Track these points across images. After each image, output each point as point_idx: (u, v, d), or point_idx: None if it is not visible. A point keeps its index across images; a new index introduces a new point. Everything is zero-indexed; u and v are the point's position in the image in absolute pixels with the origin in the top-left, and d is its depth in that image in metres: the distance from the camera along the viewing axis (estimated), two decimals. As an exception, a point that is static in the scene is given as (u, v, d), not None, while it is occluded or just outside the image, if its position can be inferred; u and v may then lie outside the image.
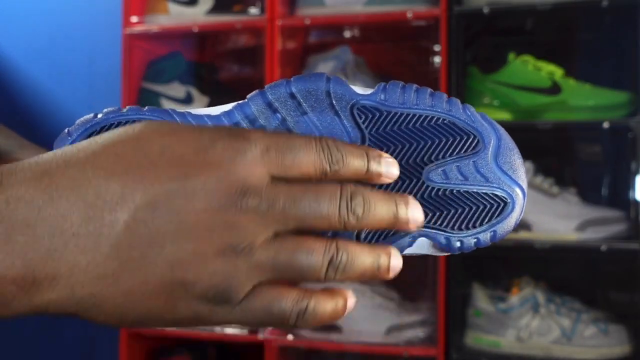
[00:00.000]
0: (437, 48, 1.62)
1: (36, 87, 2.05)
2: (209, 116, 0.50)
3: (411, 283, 1.68)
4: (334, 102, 0.50)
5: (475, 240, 0.48)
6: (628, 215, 1.52)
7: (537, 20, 1.70)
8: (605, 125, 1.49)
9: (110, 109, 0.50)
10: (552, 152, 1.71)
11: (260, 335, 1.64)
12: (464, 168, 0.49)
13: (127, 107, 0.50)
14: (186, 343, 1.80)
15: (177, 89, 1.81)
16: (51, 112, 2.03)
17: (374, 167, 0.45)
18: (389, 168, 0.46)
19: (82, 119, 0.50)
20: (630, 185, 1.53)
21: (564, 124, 1.58)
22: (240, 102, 0.50)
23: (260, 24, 1.68)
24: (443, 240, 0.48)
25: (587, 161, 1.74)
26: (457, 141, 0.49)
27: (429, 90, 0.50)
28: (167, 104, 1.79)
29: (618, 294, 1.64)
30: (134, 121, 0.48)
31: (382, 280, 0.48)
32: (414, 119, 0.49)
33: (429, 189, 0.48)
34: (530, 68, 1.59)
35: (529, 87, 1.58)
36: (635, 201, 1.51)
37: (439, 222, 0.48)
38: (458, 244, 0.48)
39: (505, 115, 1.58)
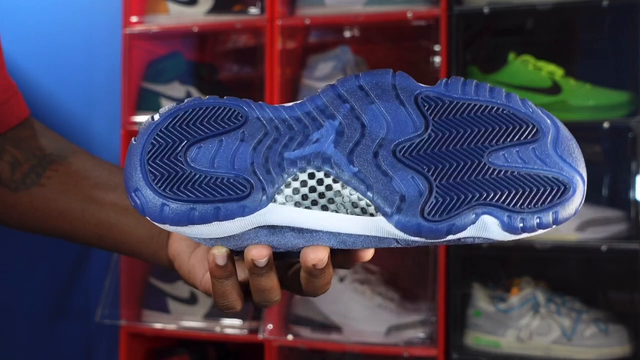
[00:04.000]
0: (437, 48, 1.62)
1: (36, 86, 2.05)
2: (283, 107, 0.55)
3: (411, 283, 1.68)
4: (399, 92, 0.54)
5: (537, 220, 0.50)
6: (628, 215, 1.52)
7: (537, 20, 1.70)
8: (605, 125, 1.49)
9: (193, 98, 0.55)
10: (552, 152, 1.71)
11: (260, 335, 1.64)
12: (524, 153, 0.51)
13: (208, 96, 0.55)
14: (186, 343, 1.80)
15: (177, 89, 1.81)
16: (51, 112, 2.03)
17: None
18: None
19: (166, 107, 0.55)
20: (630, 185, 1.53)
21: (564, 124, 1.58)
22: (311, 95, 0.55)
23: (260, 24, 1.68)
24: (505, 219, 0.50)
25: (587, 161, 1.73)
26: (516, 129, 0.52)
27: (489, 85, 0.53)
28: (167, 104, 1.79)
29: (618, 294, 1.64)
30: (213, 106, 0.54)
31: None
32: (475, 108, 0.52)
33: (490, 169, 0.51)
34: (530, 68, 1.59)
35: (529, 87, 1.58)
36: (635, 201, 1.51)
37: (501, 200, 0.51)
38: (521, 223, 0.50)
39: (505, 115, 1.58)
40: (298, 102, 0.55)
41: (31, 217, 0.72)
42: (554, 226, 0.51)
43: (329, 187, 0.52)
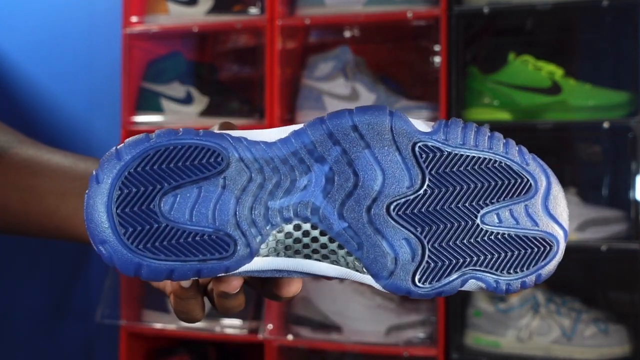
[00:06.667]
0: (437, 48, 1.62)
1: (36, 86, 2.05)
2: (265, 143, 0.49)
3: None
4: (395, 137, 0.49)
5: (521, 282, 0.50)
6: (628, 215, 1.52)
7: (537, 20, 1.70)
8: (605, 125, 1.49)
9: (162, 130, 0.48)
10: (552, 152, 1.71)
11: (260, 335, 1.64)
12: (516, 212, 0.50)
13: (182, 129, 0.48)
14: (186, 343, 1.80)
15: (177, 89, 1.81)
16: (51, 112, 2.03)
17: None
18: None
19: (132, 139, 0.48)
20: (630, 185, 1.53)
21: (564, 124, 1.58)
22: (297, 129, 0.50)
23: (260, 24, 1.68)
24: (492, 283, 0.50)
25: (587, 161, 1.74)
26: (511, 184, 0.50)
27: (487, 131, 0.51)
28: (167, 104, 1.79)
29: (618, 294, 1.64)
30: (189, 146, 0.48)
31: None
32: (473, 161, 0.50)
33: (483, 232, 0.50)
34: (530, 68, 1.59)
35: (529, 87, 1.58)
36: (635, 201, 1.51)
37: (490, 265, 0.50)
38: (505, 287, 0.50)
39: (505, 115, 1.58)
40: (283, 135, 0.50)
41: None
42: (534, 285, 0.51)
43: (315, 240, 0.49)
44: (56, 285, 2.04)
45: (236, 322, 1.68)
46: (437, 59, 1.64)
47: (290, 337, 1.64)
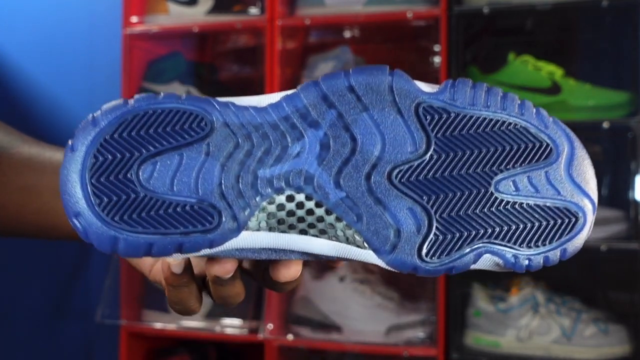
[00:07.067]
0: (437, 48, 1.62)
1: (36, 86, 2.05)
2: (255, 108, 0.45)
3: (411, 283, 1.68)
4: (397, 99, 0.45)
5: (544, 258, 0.45)
6: (628, 215, 1.52)
7: (537, 20, 1.70)
8: (605, 125, 1.49)
9: (142, 95, 0.45)
10: (552, 152, 1.71)
11: (260, 335, 1.64)
12: (536, 179, 0.45)
13: (163, 93, 0.45)
14: (186, 343, 1.80)
15: (177, 89, 1.81)
16: (51, 112, 2.03)
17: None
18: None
19: (109, 105, 0.44)
20: (630, 185, 1.53)
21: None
22: (289, 93, 0.46)
23: (260, 24, 1.68)
24: (511, 259, 0.45)
25: (587, 161, 1.73)
26: (529, 149, 0.45)
27: (501, 90, 0.46)
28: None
29: (618, 294, 1.64)
30: (170, 110, 0.44)
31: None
32: (485, 123, 0.45)
33: (498, 200, 0.45)
34: (530, 68, 1.59)
35: (529, 87, 1.58)
36: (635, 201, 1.51)
37: (507, 238, 0.45)
38: (526, 262, 0.45)
39: (505, 115, 1.58)
40: (274, 100, 0.46)
41: None
42: (559, 261, 0.46)
43: (310, 212, 0.45)
44: (56, 285, 2.04)
45: (236, 322, 1.68)
46: (437, 59, 1.64)
47: (290, 337, 1.64)
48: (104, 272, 1.83)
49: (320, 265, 1.66)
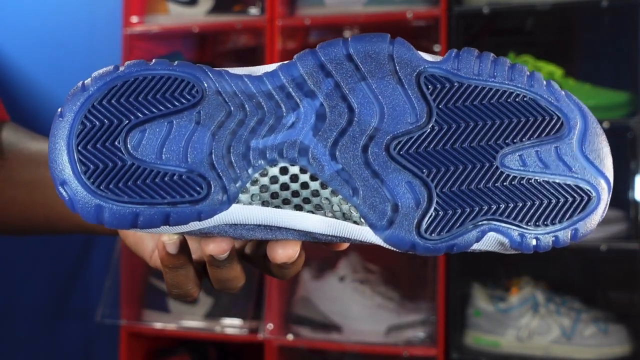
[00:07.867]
0: (437, 48, 1.62)
1: (36, 86, 2.05)
2: (249, 77, 0.44)
3: (411, 283, 1.68)
4: (397, 68, 0.43)
5: (553, 238, 0.43)
6: (628, 215, 1.52)
7: (537, 20, 1.70)
8: (605, 125, 1.49)
9: (133, 61, 0.43)
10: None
11: (260, 335, 1.64)
12: (545, 154, 0.43)
13: (155, 59, 0.43)
14: (186, 343, 1.80)
15: (177, 89, 1.81)
16: (51, 112, 2.03)
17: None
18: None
19: (100, 71, 0.43)
20: (630, 185, 1.53)
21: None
22: (286, 62, 0.44)
23: (260, 24, 1.68)
24: (517, 238, 0.43)
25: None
26: (538, 122, 0.43)
27: (508, 61, 0.44)
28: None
29: (618, 294, 1.64)
30: (161, 76, 0.42)
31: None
32: (490, 94, 0.43)
33: (503, 176, 0.42)
34: (530, 68, 1.59)
35: (528, 87, 1.58)
36: (635, 201, 1.51)
37: (512, 215, 0.42)
38: (534, 242, 0.43)
39: (505, 115, 1.58)
40: (270, 69, 0.44)
41: None
42: (570, 243, 0.43)
43: (304, 185, 0.43)
44: (56, 285, 2.04)
45: (236, 322, 1.68)
46: (437, 59, 1.64)
47: (290, 337, 1.64)
48: (104, 272, 1.83)
49: (321, 265, 1.66)
